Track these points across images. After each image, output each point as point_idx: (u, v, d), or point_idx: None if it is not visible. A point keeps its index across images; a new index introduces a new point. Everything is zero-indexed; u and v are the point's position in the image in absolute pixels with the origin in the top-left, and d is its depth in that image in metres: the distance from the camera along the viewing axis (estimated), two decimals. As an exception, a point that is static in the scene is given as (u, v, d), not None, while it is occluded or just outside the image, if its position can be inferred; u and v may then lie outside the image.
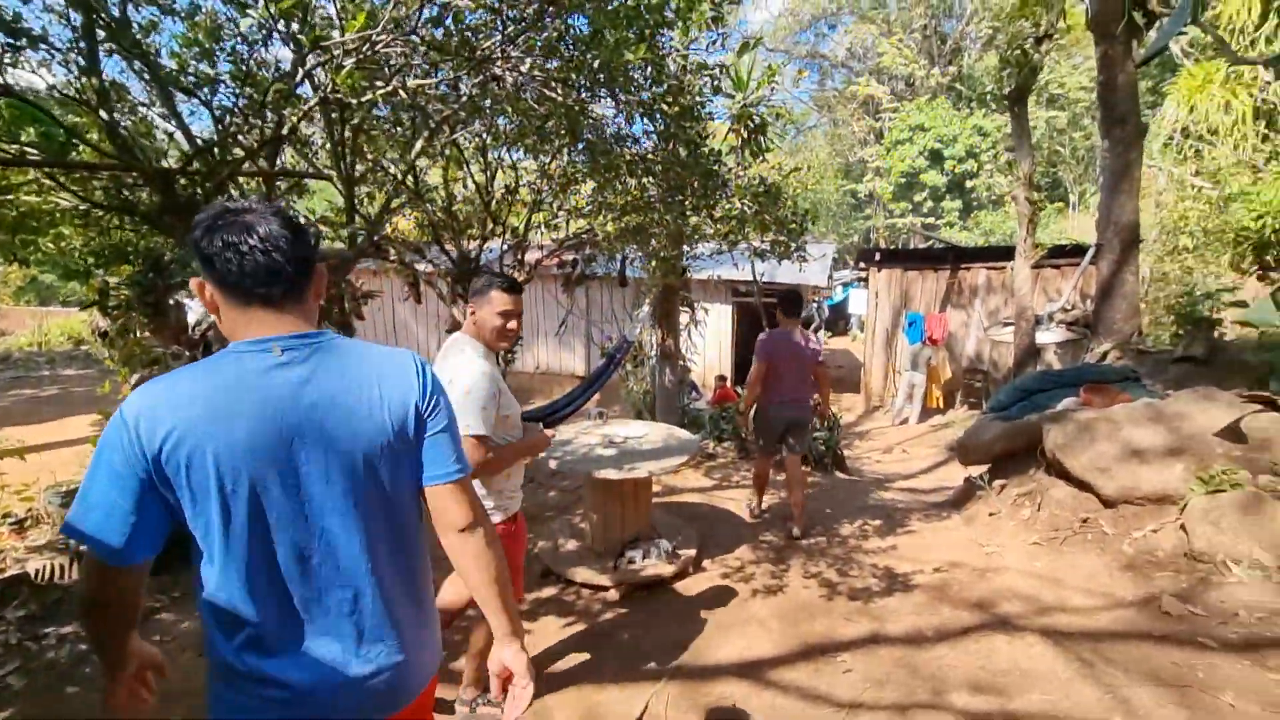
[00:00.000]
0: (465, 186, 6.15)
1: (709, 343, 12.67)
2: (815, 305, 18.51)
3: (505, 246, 6.01)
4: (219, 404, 1.00)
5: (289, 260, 1.06)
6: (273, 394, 1.03)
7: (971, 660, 2.73)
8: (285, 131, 2.89)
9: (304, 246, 1.09)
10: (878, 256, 11.64)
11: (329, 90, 2.56)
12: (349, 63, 2.52)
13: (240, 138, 3.14)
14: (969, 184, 22.68)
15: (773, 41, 30.24)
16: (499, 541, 1.25)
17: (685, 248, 6.21)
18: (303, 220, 1.19)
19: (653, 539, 3.76)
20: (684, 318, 6.98)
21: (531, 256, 6.51)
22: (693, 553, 3.80)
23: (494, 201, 6.06)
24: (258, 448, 1.01)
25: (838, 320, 22.15)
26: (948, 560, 3.77)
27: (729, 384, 9.70)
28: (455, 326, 6.09)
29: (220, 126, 2.91)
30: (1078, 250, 10.57)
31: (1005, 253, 11.38)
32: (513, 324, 2.10)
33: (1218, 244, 11.75)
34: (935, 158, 22.80)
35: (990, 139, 22.67)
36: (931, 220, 23.24)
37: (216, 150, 2.85)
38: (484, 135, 4.85)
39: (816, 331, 19.41)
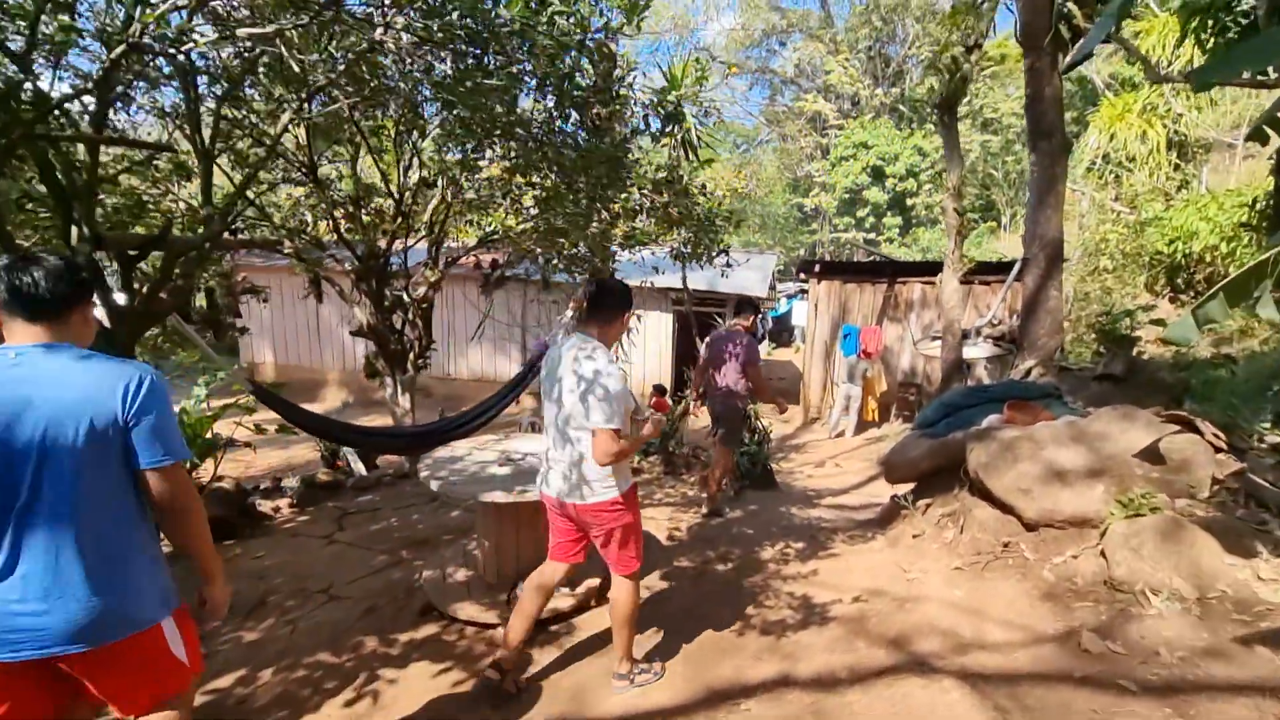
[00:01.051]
0: (378, 178, 5.67)
1: (647, 352, 12.43)
2: (759, 316, 18.61)
3: (413, 245, 5.55)
4: None
5: (47, 293, 1.47)
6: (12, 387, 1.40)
7: (885, 707, 2.47)
8: (97, 81, 2.42)
9: (61, 285, 1.48)
10: (817, 268, 11.62)
11: (141, 34, 2.12)
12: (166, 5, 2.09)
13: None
14: (909, 201, 23.29)
15: (724, 55, 30.57)
16: (192, 506, 1.67)
17: (615, 248, 5.89)
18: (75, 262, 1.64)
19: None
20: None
21: (471, 257, 6.07)
22: (596, 583, 3.44)
23: (405, 195, 5.62)
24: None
25: (781, 332, 22.30)
26: (868, 588, 3.54)
27: (666, 395, 9.41)
28: (362, 330, 5.60)
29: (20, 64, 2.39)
30: (1007, 267, 10.80)
31: (940, 268, 11.59)
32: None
33: (1134, 266, 12.25)
34: (878, 175, 23.33)
35: (930, 159, 23.35)
36: (873, 236, 23.76)
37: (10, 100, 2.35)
38: (381, 115, 4.39)
39: (761, 341, 19.49)
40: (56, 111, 2.59)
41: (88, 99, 2.66)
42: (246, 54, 2.79)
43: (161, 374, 1.57)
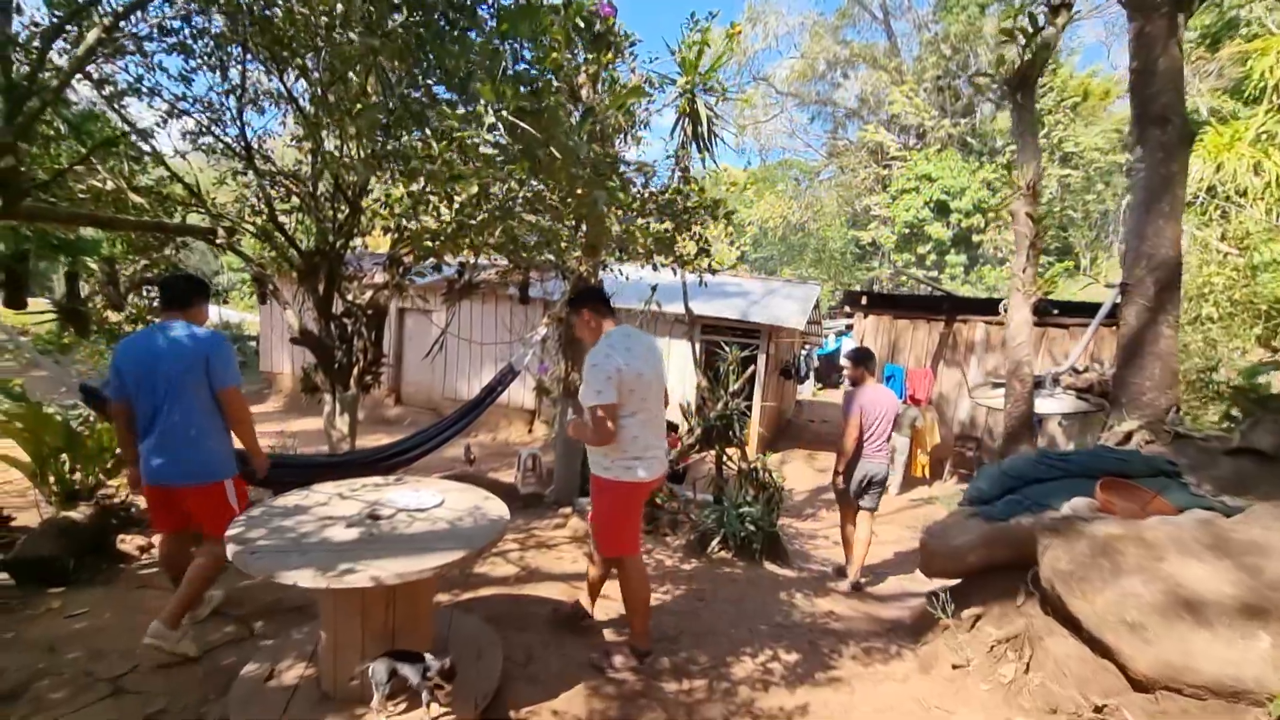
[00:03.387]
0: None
1: (679, 383, 11.32)
2: (804, 353, 17.21)
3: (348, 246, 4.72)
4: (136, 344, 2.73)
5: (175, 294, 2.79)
6: (149, 342, 2.68)
7: None
8: None
9: (179, 289, 2.82)
10: (864, 300, 10.36)
11: None
12: None
13: None
14: (975, 239, 21.63)
15: (784, 86, 29.77)
16: (241, 416, 2.86)
17: (611, 259, 4.94)
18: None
19: (421, 661, 2.32)
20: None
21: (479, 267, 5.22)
22: (471, 715, 2.37)
23: (351, 184, 4.82)
24: (140, 364, 2.65)
25: (830, 372, 20.78)
26: (877, 750, 2.35)
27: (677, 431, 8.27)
28: (301, 337, 4.78)
29: None
30: (1091, 308, 9.27)
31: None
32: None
33: (1246, 315, 10.47)
34: (941, 210, 21.82)
35: (999, 194, 21.70)
36: (935, 274, 22.11)
37: None
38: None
39: (802, 381, 18.05)
40: None
41: None
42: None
43: (225, 338, 2.81)
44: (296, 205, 5.11)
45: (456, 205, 3.83)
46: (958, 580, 3.62)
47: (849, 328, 18.46)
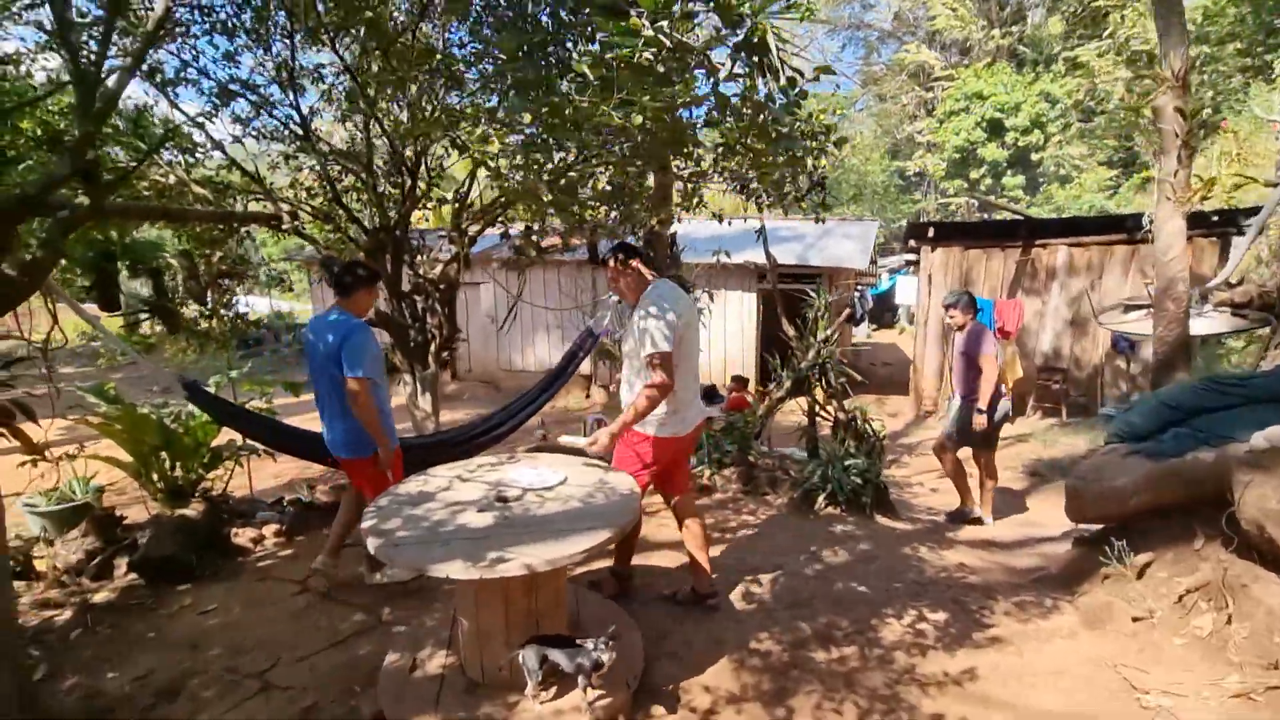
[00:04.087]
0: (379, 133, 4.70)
1: (727, 335, 11.03)
2: (858, 294, 16.60)
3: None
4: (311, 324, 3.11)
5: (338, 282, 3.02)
6: (317, 323, 3.04)
7: None
8: None
9: (343, 277, 3.02)
10: (931, 232, 9.78)
11: None
12: None
13: None
14: (1035, 157, 20.29)
15: (819, 11, 28.05)
16: (362, 401, 2.87)
17: (679, 207, 4.66)
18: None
19: (577, 647, 2.20)
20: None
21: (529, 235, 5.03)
22: (625, 696, 2.26)
23: (417, 154, 4.62)
24: (308, 342, 3.04)
25: (883, 312, 20.10)
26: (1073, 713, 2.15)
27: (747, 388, 8.04)
28: (376, 318, 4.68)
29: None
30: (1229, 218, 8.45)
31: (1092, 225, 9.39)
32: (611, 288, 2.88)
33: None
34: (995, 129, 20.49)
35: (1059, 106, 20.19)
36: (991, 199, 20.90)
37: None
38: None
39: (859, 324, 17.46)
40: None
41: None
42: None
43: (363, 326, 2.98)
44: (354, 184, 4.95)
45: (559, 157, 3.56)
46: (1100, 525, 3.35)
47: (909, 264, 17.71)
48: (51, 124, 4.20)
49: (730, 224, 5.05)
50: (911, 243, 10.39)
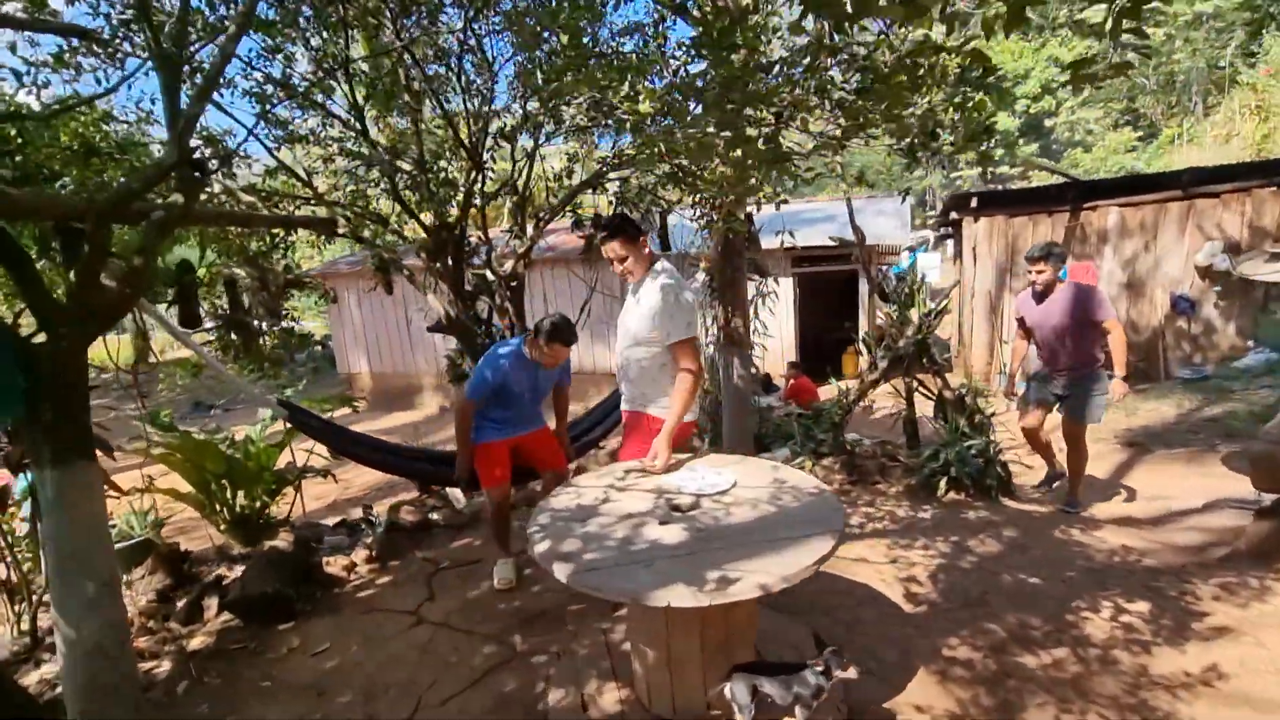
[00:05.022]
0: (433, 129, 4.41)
1: (777, 323, 10.71)
2: (882, 271, 16.25)
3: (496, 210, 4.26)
4: None
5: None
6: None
7: None
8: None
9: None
10: (974, 203, 9.47)
11: None
12: None
13: None
14: (1048, 124, 19.97)
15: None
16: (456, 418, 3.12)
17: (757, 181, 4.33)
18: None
19: (791, 673, 1.90)
20: (750, 289, 5.12)
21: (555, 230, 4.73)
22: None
23: (479, 145, 4.32)
24: None
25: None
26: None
27: (804, 373, 7.74)
28: (440, 323, 4.39)
29: None
30: (1257, 169, 8.17)
31: (1145, 184, 9.07)
32: (616, 267, 2.60)
33: None
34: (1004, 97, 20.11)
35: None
36: (1004, 170, 20.55)
37: None
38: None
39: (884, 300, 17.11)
40: None
41: None
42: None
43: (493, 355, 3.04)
44: (407, 183, 4.65)
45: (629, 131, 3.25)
46: (1269, 495, 3.04)
47: (933, 239, 17.36)
48: (88, 136, 3.90)
49: (760, 208, 4.70)
50: (953, 215, 10.09)
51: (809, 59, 2.33)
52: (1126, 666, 2.25)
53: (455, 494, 4.47)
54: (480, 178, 4.33)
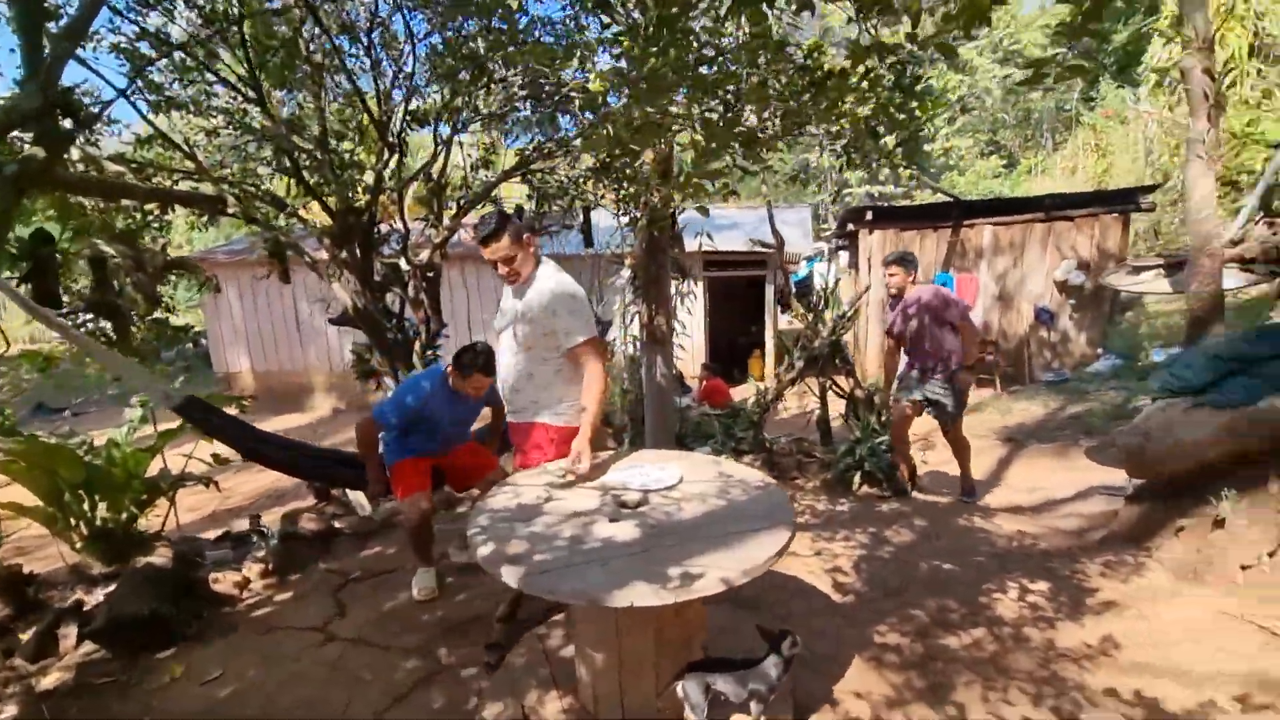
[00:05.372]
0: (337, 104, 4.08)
1: (690, 326, 10.88)
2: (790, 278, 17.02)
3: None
4: None
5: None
6: None
7: None
8: None
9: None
10: (869, 215, 10.08)
11: None
12: None
13: None
14: (926, 148, 21.68)
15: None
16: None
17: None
18: None
19: (745, 669, 1.87)
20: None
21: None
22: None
23: (390, 126, 4.04)
24: None
25: (802, 298, 20.72)
26: (1243, 672, 2.09)
27: (719, 374, 7.90)
28: (346, 315, 4.06)
29: None
30: (1128, 196, 9.22)
31: (1013, 206, 10.03)
32: (501, 269, 2.38)
33: (1231, 190, 10.74)
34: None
35: (955, 93, 21.67)
36: (888, 189, 22.14)
37: None
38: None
39: (784, 311, 17.90)
40: None
41: None
42: None
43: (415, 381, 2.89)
44: (307, 162, 4.27)
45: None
46: (1142, 481, 3.42)
47: (839, 249, 18.28)
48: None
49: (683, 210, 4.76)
50: (849, 227, 10.69)
51: (748, 55, 2.35)
52: (1036, 642, 2.41)
53: (359, 499, 4.14)
54: (393, 161, 4.05)
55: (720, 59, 2.39)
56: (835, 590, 2.89)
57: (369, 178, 4.10)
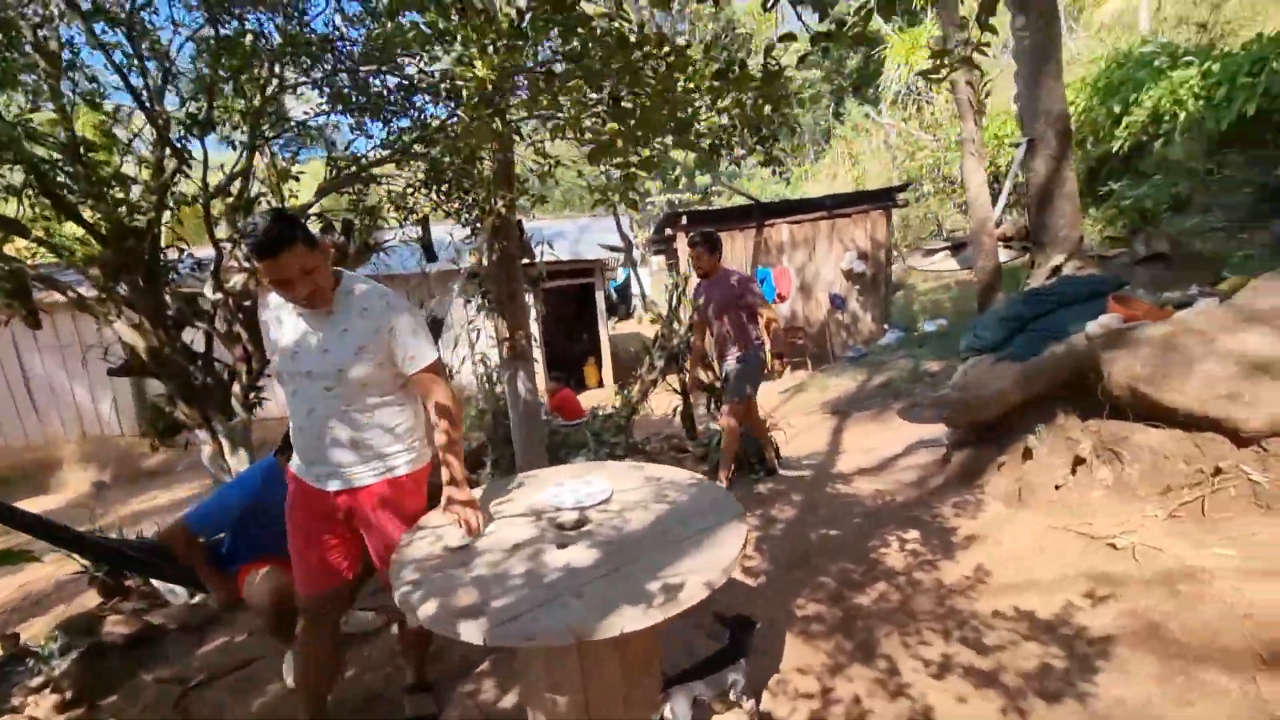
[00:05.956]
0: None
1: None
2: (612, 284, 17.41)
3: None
4: None
5: None
6: None
7: None
8: None
9: None
10: (684, 220, 10.67)
11: None
12: None
13: None
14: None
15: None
16: None
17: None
18: None
19: (720, 667, 1.81)
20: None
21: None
22: (754, 708, 1.96)
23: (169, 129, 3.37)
24: None
25: (620, 304, 21.37)
26: (1084, 572, 2.52)
27: (564, 385, 7.80)
28: (129, 365, 3.31)
29: None
30: (887, 194, 10.80)
31: (800, 207, 11.30)
32: (297, 289, 1.75)
33: (950, 188, 13.12)
34: (685, 127, 23.22)
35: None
36: (685, 195, 23.74)
37: None
38: None
39: (612, 316, 18.29)
40: None
41: None
42: None
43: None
44: (53, 176, 3.41)
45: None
46: (962, 430, 4.01)
47: (658, 253, 19.05)
48: None
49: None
50: (667, 231, 11.23)
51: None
52: (927, 584, 2.69)
53: (167, 586, 3.35)
54: (179, 171, 3.38)
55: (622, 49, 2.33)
56: (746, 575, 2.97)
57: (147, 194, 3.36)
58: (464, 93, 2.22)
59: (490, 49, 1.99)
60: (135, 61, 3.43)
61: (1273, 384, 2.61)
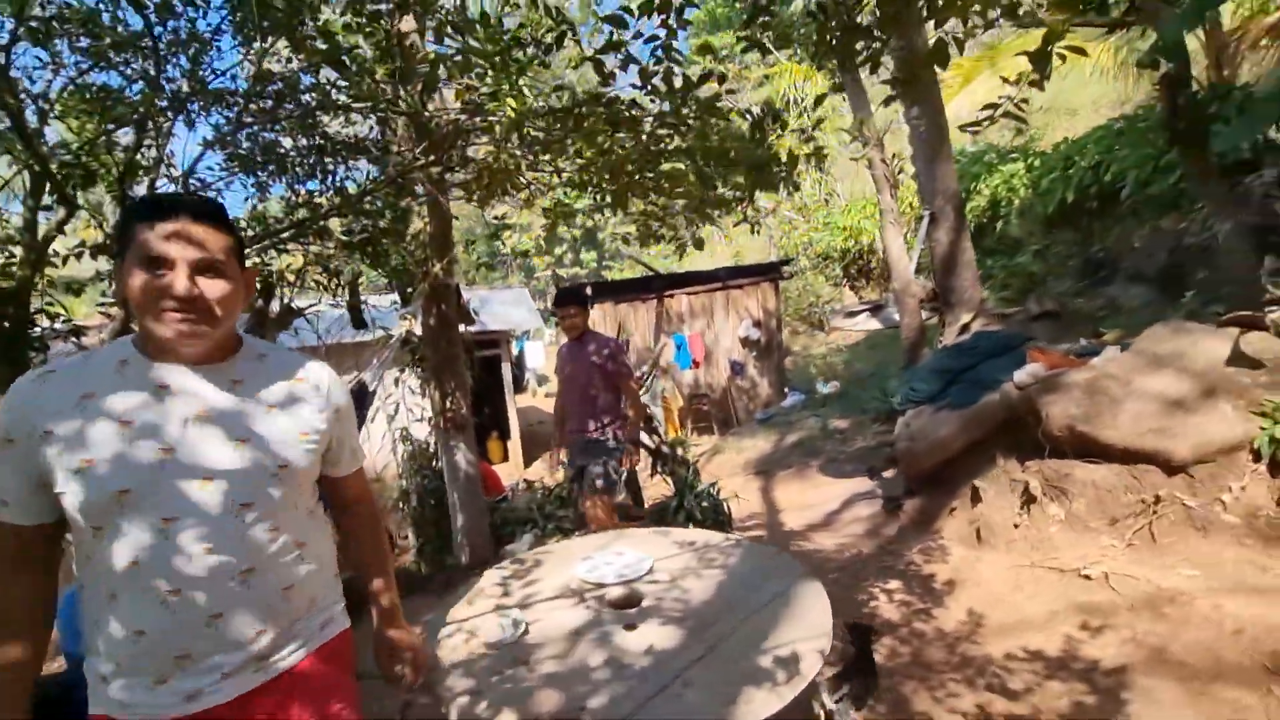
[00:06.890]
0: None
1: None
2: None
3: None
4: None
5: None
6: None
7: None
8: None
9: None
10: (589, 290, 10.75)
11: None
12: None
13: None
14: (599, 236, 24.36)
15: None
16: None
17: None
18: None
19: None
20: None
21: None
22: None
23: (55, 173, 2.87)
24: None
25: (516, 377, 20.85)
26: (1067, 604, 2.63)
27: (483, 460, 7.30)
28: None
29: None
30: (774, 268, 11.57)
31: (698, 278, 11.84)
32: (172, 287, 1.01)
33: (830, 263, 14.41)
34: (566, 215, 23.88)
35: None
36: (576, 270, 24.18)
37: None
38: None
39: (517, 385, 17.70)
40: None
41: None
42: None
43: None
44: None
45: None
46: (909, 479, 4.19)
47: (525, 332, 18.87)
48: None
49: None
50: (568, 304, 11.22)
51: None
52: (930, 633, 2.68)
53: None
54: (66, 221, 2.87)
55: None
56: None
57: (22, 250, 2.80)
58: (496, 128, 2.08)
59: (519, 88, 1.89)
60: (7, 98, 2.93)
61: (1189, 418, 2.96)
